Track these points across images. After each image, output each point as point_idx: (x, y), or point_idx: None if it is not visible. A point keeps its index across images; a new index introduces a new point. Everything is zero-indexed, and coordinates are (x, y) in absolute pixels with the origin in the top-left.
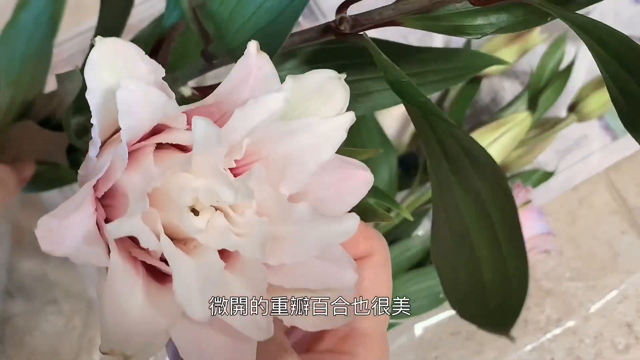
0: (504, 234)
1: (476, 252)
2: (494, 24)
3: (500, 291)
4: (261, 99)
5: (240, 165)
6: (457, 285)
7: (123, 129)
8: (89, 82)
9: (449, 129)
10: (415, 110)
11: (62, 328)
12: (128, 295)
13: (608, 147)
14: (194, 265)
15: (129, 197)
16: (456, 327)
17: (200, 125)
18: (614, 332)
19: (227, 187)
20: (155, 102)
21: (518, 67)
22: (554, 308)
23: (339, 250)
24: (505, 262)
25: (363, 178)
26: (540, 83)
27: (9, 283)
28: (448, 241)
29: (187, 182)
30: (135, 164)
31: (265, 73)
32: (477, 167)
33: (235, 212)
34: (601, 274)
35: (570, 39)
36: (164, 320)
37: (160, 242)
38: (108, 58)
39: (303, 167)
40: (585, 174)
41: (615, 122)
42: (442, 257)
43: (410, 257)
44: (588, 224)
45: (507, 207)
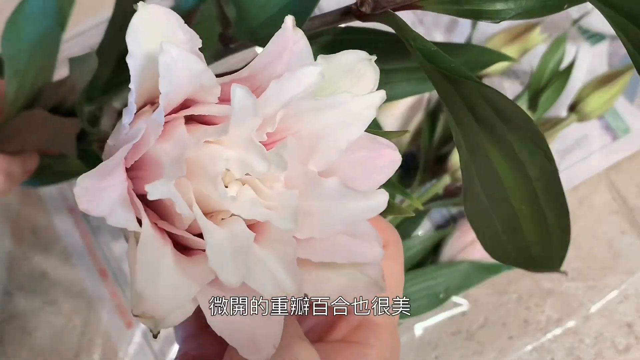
0: (542, 190)
1: (514, 206)
2: (513, 9)
3: (542, 242)
4: (297, 72)
5: (270, 142)
6: (495, 238)
7: (162, 93)
8: (130, 46)
9: (479, 90)
10: (440, 78)
11: (62, 328)
12: (159, 260)
13: (608, 147)
14: (224, 233)
15: (164, 163)
16: (456, 327)
17: (239, 94)
18: (614, 332)
19: (261, 158)
20: (194, 70)
21: (518, 67)
22: (554, 308)
23: (366, 225)
24: (545, 217)
25: (391, 157)
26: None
27: (9, 283)
28: (481, 197)
29: (220, 153)
30: (166, 134)
31: (300, 49)
32: (511, 127)
33: (264, 186)
34: (601, 274)
35: (570, 39)
36: (192, 286)
37: (193, 211)
38: (149, 24)
39: (333, 144)
40: (585, 174)
41: (616, 122)
42: (476, 213)
43: (410, 257)
44: (588, 224)
45: (545, 162)
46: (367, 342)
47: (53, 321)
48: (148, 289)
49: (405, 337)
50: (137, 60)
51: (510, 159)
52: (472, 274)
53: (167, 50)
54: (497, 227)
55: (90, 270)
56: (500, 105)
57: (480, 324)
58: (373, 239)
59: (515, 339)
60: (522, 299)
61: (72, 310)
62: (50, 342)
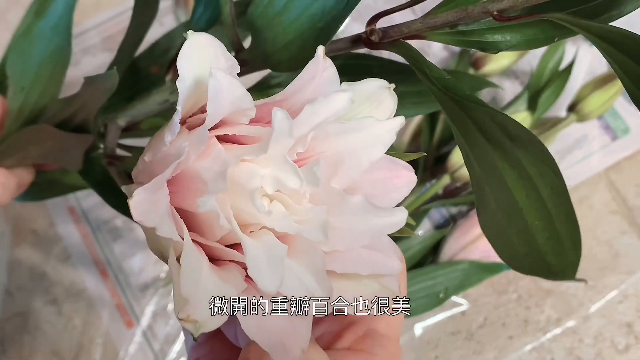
0: (554, 205)
1: (528, 222)
2: (508, 41)
3: (556, 253)
4: (330, 97)
5: (297, 161)
6: (511, 250)
7: (210, 114)
8: (181, 72)
9: (490, 115)
10: (452, 104)
11: (62, 328)
12: (200, 267)
13: (608, 147)
14: (260, 245)
15: (205, 179)
16: (456, 326)
17: (279, 116)
18: (614, 332)
19: (294, 174)
20: (237, 94)
21: (518, 67)
22: (554, 308)
23: (387, 240)
24: (557, 231)
25: (408, 177)
26: (540, 83)
27: (9, 283)
28: (496, 213)
29: (256, 170)
30: (203, 152)
31: (328, 76)
32: (522, 148)
33: (292, 201)
34: (601, 274)
35: (570, 39)
36: (231, 291)
37: (231, 224)
38: (199, 50)
39: (355, 164)
40: (585, 174)
41: (615, 122)
42: (492, 228)
43: (410, 257)
44: (588, 224)
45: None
46: (372, 350)
47: (53, 321)
48: (192, 294)
49: (405, 337)
50: (186, 83)
51: (522, 178)
52: (471, 273)
53: (216, 75)
54: (513, 240)
55: (90, 270)
56: (510, 128)
57: (480, 323)
58: (393, 252)
59: (515, 338)
60: (521, 299)
61: (72, 310)
62: (50, 342)
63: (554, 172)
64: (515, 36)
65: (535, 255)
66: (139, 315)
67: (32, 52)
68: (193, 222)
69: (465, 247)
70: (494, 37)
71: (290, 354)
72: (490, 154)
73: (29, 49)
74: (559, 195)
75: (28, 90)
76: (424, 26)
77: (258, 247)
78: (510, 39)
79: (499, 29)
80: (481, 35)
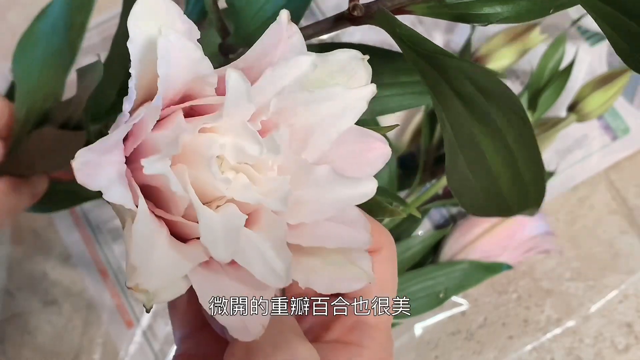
0: (520, 152)
1: (495, 174)
2: (499, 13)
3: (518, 197)
4: (291, 60)
5: (264, 132)
6: (477, 202)
7: (160, 75)
8: (131, 32)
9: (461, 67)
10: (423, 63)
11: (62, 328)
12: (153, 236)
13: (608, 147)
14: (217, 215)
15: (160, 145)
16: (456, 327)
17: (234, 76)
18: (614, 332)
19: (254, 141)
20: (192, 57)
21: (518, 67)
22: (554, 308)
23: (355, 213)
24: (521, 175)
25: (381, 149)
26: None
27: (9, 283)
28: (466, 172)
29: (215, 139)
30: (165, 124)
31: (294, 42)
32: (492, 99)
33: (257, 173)
34: (601, 274)
35: (570, 39)
36: (185, 264)
37: (187, 192)
38: (150, 11)
39: (324, 135)
40: (585, 174)
41: (615, 122)
42: (460, 185)
43: (410, 257)
44: (588, 224)
45: (523, 130)
46: (361, 342)
47: (53, 321)
48: (142, 263)
49: (405, 337)
50: (137, 45)
51: (491, 130)
52: (471, 273)
53: (165, 34)
54: (479, 195)
55: (90, 270)
56: (480, 80)
57: (480, 323)
58: (362, 225)
59: (515, 338)
60: (521, 299)
61: (73, 310)
62: (50, 342)
63: (522, 118)
64: (506, 7)
65: (499, 201)
66: (139, 315)
67: (34, 54)
68: (160, 198)
69: (465, 247)
70: (483, 9)
71: (250, 330)
72: (460, 110)
73: (31, 51)
74: (525, 141)
75: (34, 95)
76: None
77: (214, 216)
78: (501, 10)
79: (488, 0)
80: (469, 7)
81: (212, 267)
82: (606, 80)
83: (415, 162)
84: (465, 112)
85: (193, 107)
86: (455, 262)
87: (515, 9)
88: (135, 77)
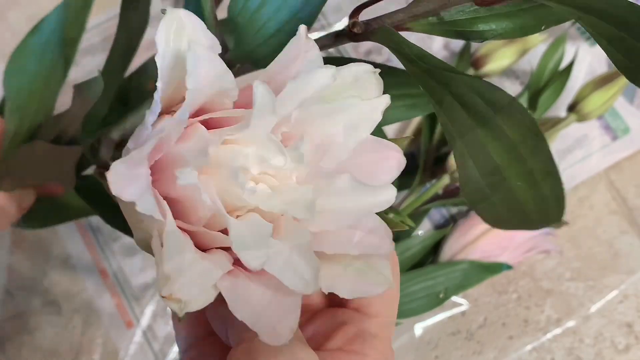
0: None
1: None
2: (494, 30)
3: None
4: (312, 73)
5: (283, 142)
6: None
7: (189, 89)
8: (159, 46)
9: (468, 83)
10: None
11: (62, 328)
12: (184, 246)
13: (608, 147)
14: (245, 225)
15: (186, 158)
16: (456, 327)
17: (261, 90)
18: (614, 332)
19: (279, 152)
20: (218, 70)
21: (518, 67)
22: (554, 308)
23: (377, 220)
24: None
25: (397, 158)
26: (540, 83)
27: (9, 283)
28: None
29: (239, 149)
30: (186, 137)
31: (311, 57)
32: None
33: (279, 183)
34: (601, 274)
35: (570, 39)
36: (215, 270)
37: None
38: (177, 26)
39: (341, 145)
40: (585, 174)
41: (615, 122)
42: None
43: (410, 257)
44: (588, 224)
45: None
46: (363, 352)
47: (53, 321)
48: (176, 272)
49: (405, 337)
50: (165, 58)
51: (502, 142)
52: (471, 273)
53: (194, 49)
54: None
55: (90, 270)
56: (488, 94)
57: (480, 323)
58: (384, 232)
59: (515, 338)
60: (521, 299)
61: (72, 310)
62: (50, 342)
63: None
64: (501, 24)
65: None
66: (139, 315)
67: (26, 69)
68: (179, 210)
69: (465, 247)
70: (478, 26)
71: (280, 334)
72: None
73: (23, 66)
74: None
75: (24, 110)
76: (407, 16)
77: (242, 225)
78: (496, 27)
79: (483, 17)
80: (465, 25)
81: (236, 275)
82: (606, 80)
83: (415, 162)
84: (475, 125)
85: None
86: (455, 262)
87: (509, 26)
88: (160, 90)
